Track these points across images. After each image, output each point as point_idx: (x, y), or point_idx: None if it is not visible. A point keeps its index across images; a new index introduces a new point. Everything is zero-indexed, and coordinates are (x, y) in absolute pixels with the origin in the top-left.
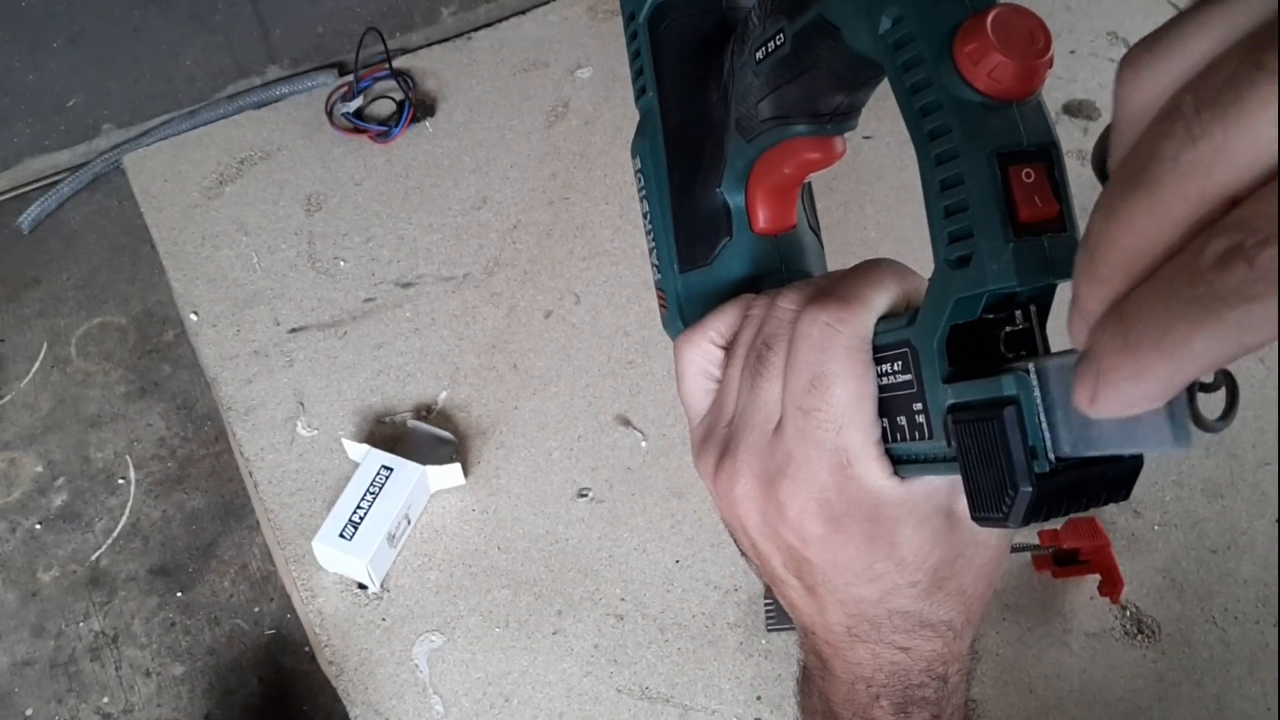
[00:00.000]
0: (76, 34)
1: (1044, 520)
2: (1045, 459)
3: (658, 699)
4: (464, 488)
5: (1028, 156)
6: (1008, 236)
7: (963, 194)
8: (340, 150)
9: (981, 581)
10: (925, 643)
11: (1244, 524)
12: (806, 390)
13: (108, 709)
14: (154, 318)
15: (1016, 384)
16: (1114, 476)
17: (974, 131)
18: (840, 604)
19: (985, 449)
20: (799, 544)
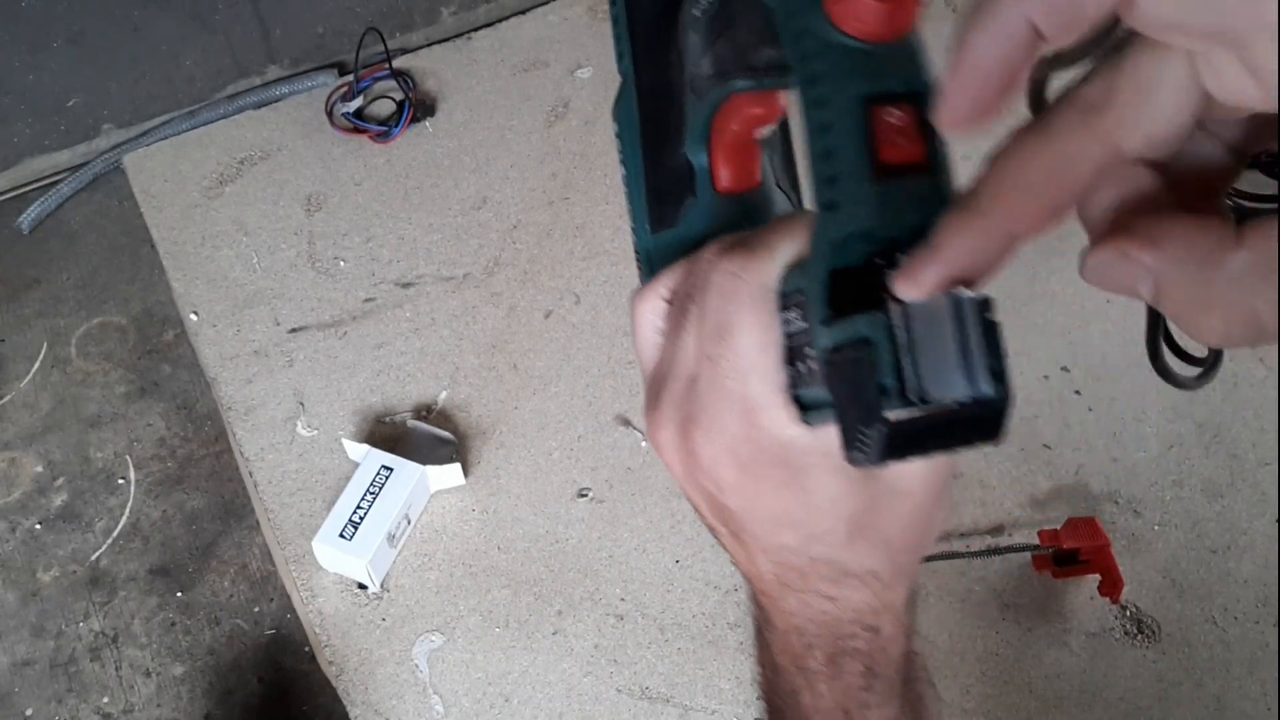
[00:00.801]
0: (76, 34)
1: (906, 458)
2: (898, 398)
3: (658, 699)
4: (464, 488)
5: (895, 98)
6: (870, 179)
7: (831, 138)
8: (340, 150)
9: (909, 532)
10: (852, 592)
11: (1244, 524)
12: (712, 338)
13: (108, 709)
14: (154, 318)
15: (870, 325)
16: (974, 417)
17: (841, 75)
18: (764, 552)
19: (846, 389)
20: (716, 491)
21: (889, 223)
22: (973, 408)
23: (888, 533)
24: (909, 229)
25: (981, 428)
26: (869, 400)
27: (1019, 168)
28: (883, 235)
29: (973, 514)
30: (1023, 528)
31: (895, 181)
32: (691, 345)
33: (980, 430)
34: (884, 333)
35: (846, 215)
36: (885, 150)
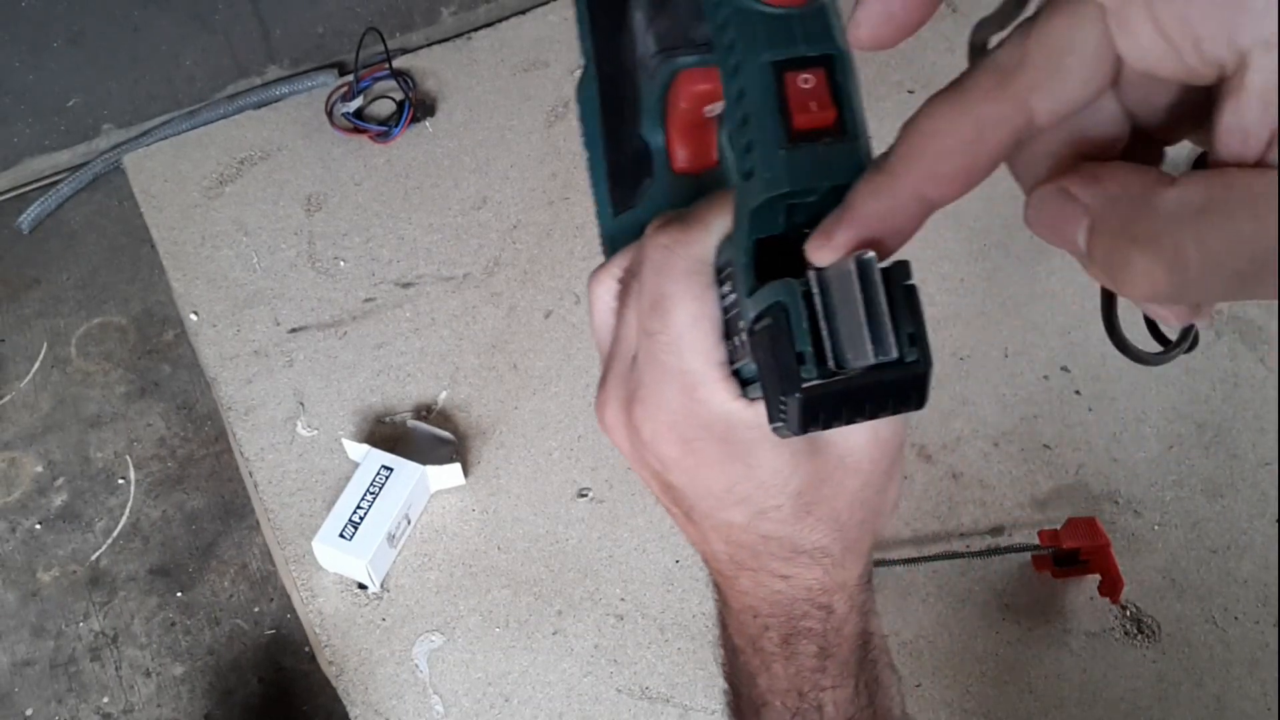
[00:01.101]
0: (76, 34)
1: (828, 426)
2: (814, 365)
3: (658, 699)
4: (464, 488)
5: (807, 63)
6: (781, 143)
7: (746, 106)
8: (340, 150)
9: (858, 508)
10: (804, 570)
11: (1244, 524)
12: (649, 314)
13: (108, 709)
14: (154, 318)
15: (785, 291)
16: (895, 383)
17: (753, 41)
18: (715, 530)
19: (767, 358)
20: (661, 468)
21: (803, 187)
22: (891, 373)
23: (836, 508)
24: (824, 192)
25: (903, 394)
26: (787, 368)
27: (933, 132)
28: (799, 200)
29: (973, 514)
30: (1023, 528)
31: (808, 146)
32: (633, 321)
33: (902, 397)
34: (799, 299)
35: (762, 182)
36: (797, 115)
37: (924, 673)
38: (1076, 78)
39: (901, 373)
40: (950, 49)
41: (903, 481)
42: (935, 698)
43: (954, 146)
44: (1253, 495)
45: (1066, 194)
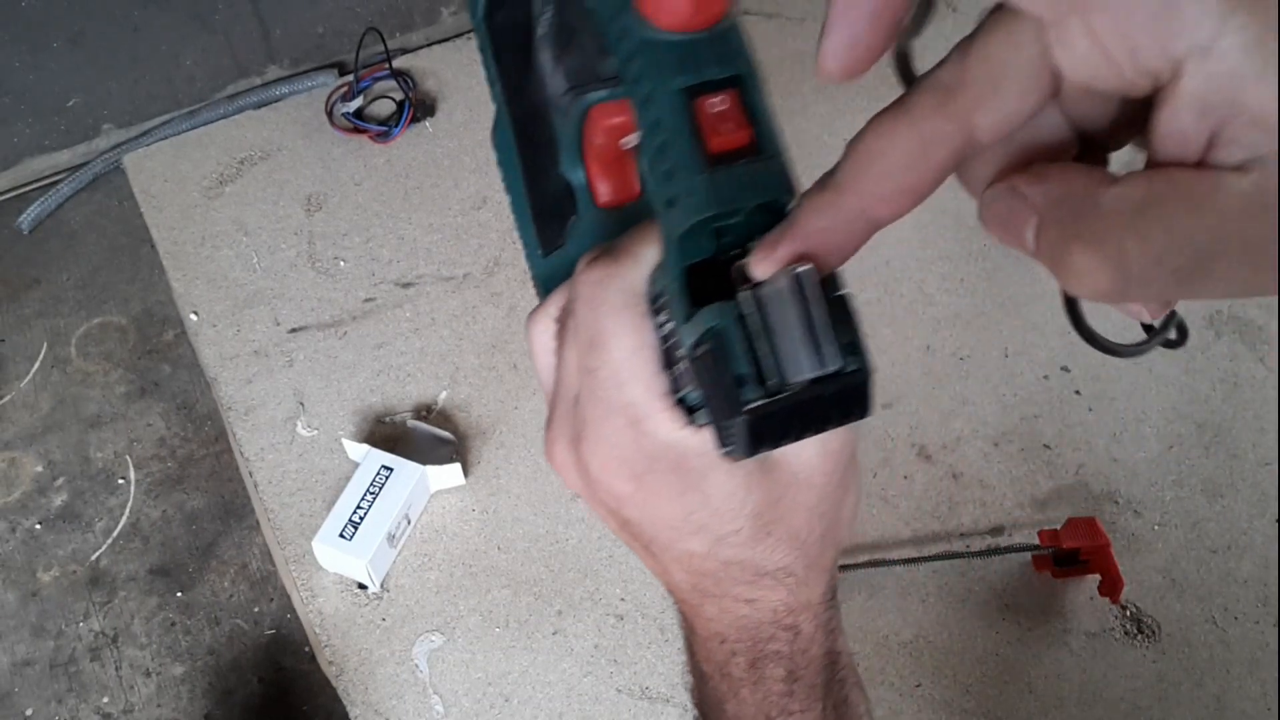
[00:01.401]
0: (76, 34)
1: (776, 444)
2: (756, 385)
3: (658, 699)
4: (464, 488)
5: (717, 86)
6: (700, 167)
7: (661, 134)
8: (340, 150)
9: (816, 523)
10: (769, 592)
11: (1244, 524)
12: (587, 350)
13: (108, 709)
14: (154, 318)
15: (719, 314)
16: (838, 393)
17: (660, 69)
18: (676, 561)
19: (710, 384)
20: (615, 504)
21: (727, 208)
22: (833, 385)
23: (794, 525)
24: (748, 212)
25: (847, 404)
26: (728, 392)
27: (877, 150)
28: (724, 222)
29: (973, 514)
30: (1023, 528)
31: (726, 168)
32: (572, 360)
33: (847, 406)
34: (734, 321)
35: (685, 207)
36: (713, 139)
37: (924, 673)
38: (1016, 94)
39: (843, 383)
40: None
41: (903, 481)
42: (935, 698)
43: (898, 164)
44: (1253, 495)
45: (1015, 192)
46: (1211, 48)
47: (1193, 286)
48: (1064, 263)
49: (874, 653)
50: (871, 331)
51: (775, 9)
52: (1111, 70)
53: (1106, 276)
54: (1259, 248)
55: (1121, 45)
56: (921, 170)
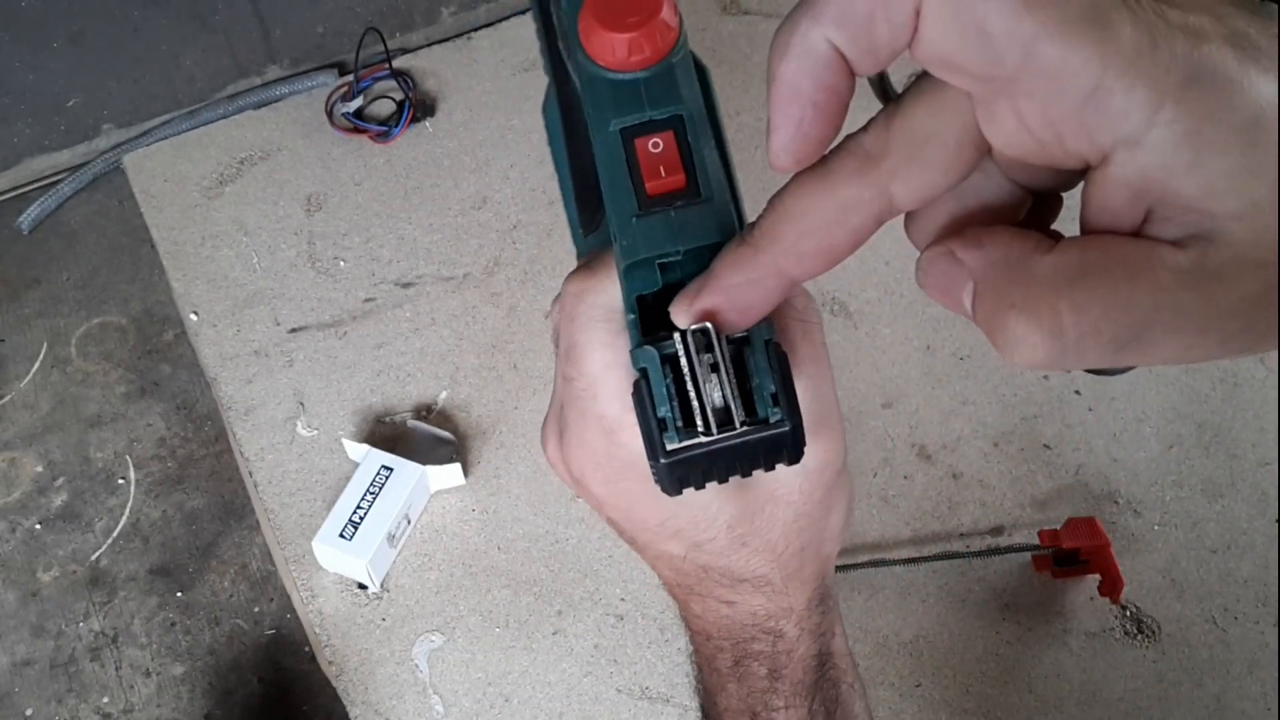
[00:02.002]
0: (76, 34)
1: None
2: (677, 431)
3: (658, 699)
4: (464, 488)
5: (655, 127)
6: (634, 211)
7: (605, 172)
8: (340, 150)
9: (794, 538)
10: (748, 597)
11: (1244, 524)
12: (565, 360)
13: (108, 709)
14: (154, 318)
15: (644, 358)
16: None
17: (601, 107)
18: (658, 559)
19: (641, 420)
20: (596, 504)
21: (657, 253)
22: (759, 432)
23: (771, 539)
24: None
25: (773, 451)
26: (650, 434)
27: (797, 210)
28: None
29: (973, 514)
30: (1023, 528)
31: (660, 212)
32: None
33: (773, 454)
34: (659, 364)
35: (623, 247)
36: (649, 181)
37: (924, 673)
38: (937, 166)
39: (769, 432)
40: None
41: (903, 481)
42: (935, 698)
43: (816, 226)
44: (1253, 495)
45: (952, 257)
46: (1140, 140)
47: (1129, 355)
48: (999, 331)
49: (874, 653)
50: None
51: (775, 9)
52: (1041, 150)
53: (1043, 346)
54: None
55: (1048, 130)
56: (838, 234)
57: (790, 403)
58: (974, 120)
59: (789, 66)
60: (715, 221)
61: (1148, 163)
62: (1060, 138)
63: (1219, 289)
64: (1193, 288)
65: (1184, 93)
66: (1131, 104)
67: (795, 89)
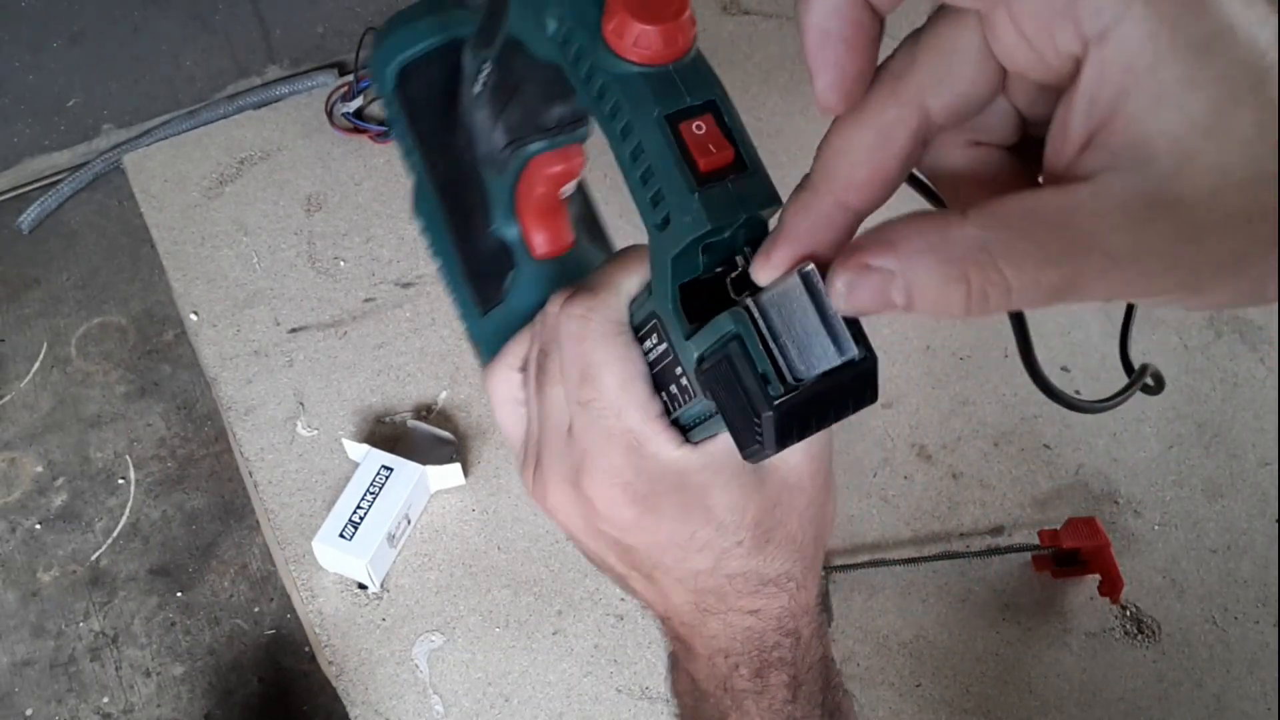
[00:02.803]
0: (76, 34)
1: (801, 436)
2: (778, 382)
3: (658, 699)
4: (464, 488)
5: (694, 111)
6: (692, 187)
7: (648, 160)
8: (340, 150)
9: (809, 525)
10: (772, 600)
11: (1244, 524)
12: (579, 384)
13: (108, 709)
14: (154, 318)
15: (734, 320)
16: (850, 382)
17: (639, 100)
18: (679, 582)
19: (727, 388)
20: (619, 533)
21: (723, 223)
22: (847, 373)
23: (791, 530)
24: (735, 227)
25: (859, 392)
26: (753, 391)
27: (842, 144)
28: (714, 239)
29: (973, 514)
30: (1023, 528)
31: (717, 185)
32: (560, 397)
33: (859, 394)
34: (748, 324)
35: (682, 226)
36: (701, 159)
37: (924, 673)
38: (964, 76)
39: (853, 371)
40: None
41: (903, 481)
42: (935, 698)
43: (864, 154)
44: (1253, 495)
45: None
46: (1109, 35)
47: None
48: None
49: (874, 653)
50: (872, 331)
51: (775, 9)
52: (1037, 58)
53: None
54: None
55: (1040, 30)
56: (885, 155)
57: (864, 339)
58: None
59: (815, 12)
60: (767, 190)
61: (1112, 60)
62: (1051, 37)
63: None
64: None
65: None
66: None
67: (825, 31)
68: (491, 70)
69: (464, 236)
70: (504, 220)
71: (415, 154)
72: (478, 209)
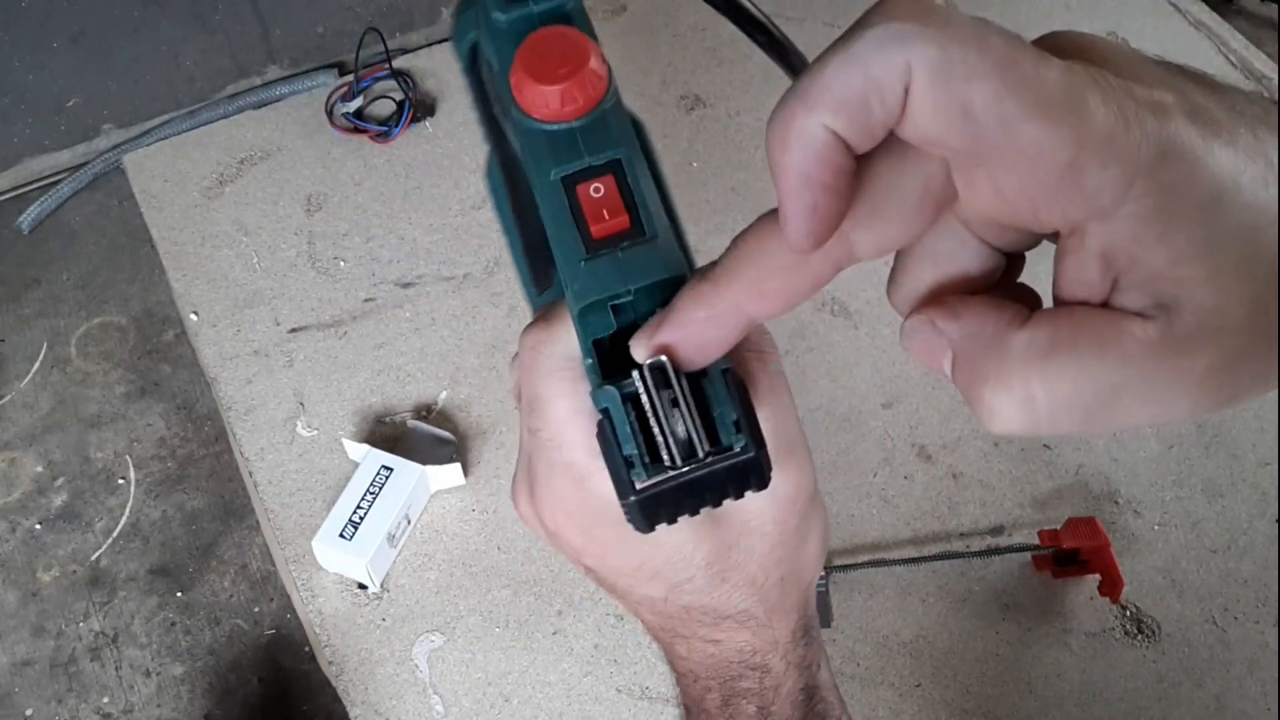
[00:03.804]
0: (76, 34)
1: (672, 520)
2: (643, 469)
3: (658, 699)
4: (464, 488)
5: (595, 172)
6: (581, 256)
7: (549, 221)
8: (340, 150)
9: (773, 569)
10: (733, 634)
11: (1244, 524)
12: (528, 412)
13: (108, 709)
14: (154, 318)
15: (604, 397)
16: (731, 469)
17: (539, 158)
18: (639, 603)
19: (608, 461)
20: (572, 554)
21: (609, 294)
22: (725, 460)
23: (750, 572)
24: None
25: (741, 478)
26: (618, 473)
27: (760, 251)
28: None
29: (973, 514)
30: (1023, 528)
31: (607, 254)
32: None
33: (741, 481)
34: (620, 402)
35: (574, 292)
36: (593, 225)
37: (924, 673)
38: (896, 221)
39: (734, 460)
40: None
41: (903, 481)
42: (935, 698)
43: (776, 268)
44: (1253, 495)
45: (932, 326)
46: (1112, 214)
47: (1101, 423)
48: (977, 401)
49: (874, 653)
50: (872, 331)
51: (775, 9)
52: (1015, 216)
53: (1018, 418)
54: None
55: (1025, 202)
56: (797, 277)
57: (752, 428)
58: (937, 180)
59: (794, 158)
60: (662, 259)
61: (1119, 234)
62: (1035, 209)
63: (1184, 359)
64: (1159, 359)
65: (1154, 169)
66: (1105, 181)
67: (804, 176)
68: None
69: (520, 216)
70: None
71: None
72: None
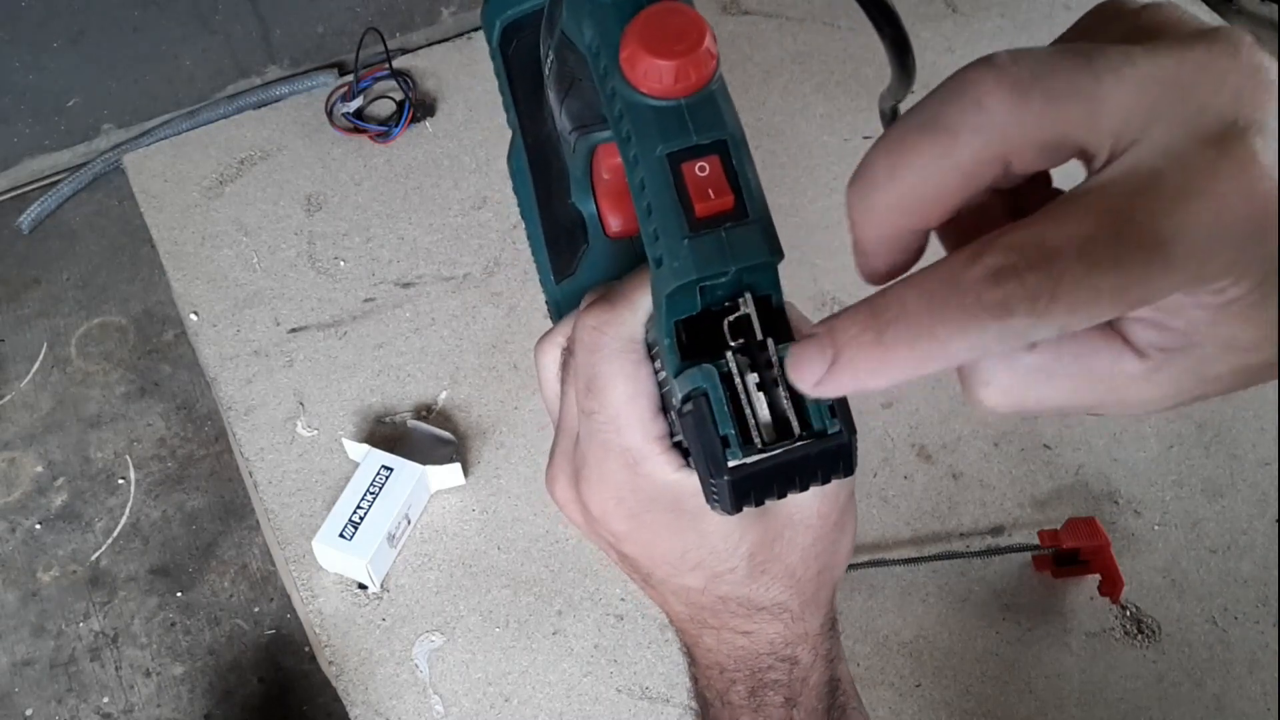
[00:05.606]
0: (76, 34)
1: (760, 502)
2: (740, 446)
3: (658, 699)
4: (464, 488)
5: (701, 151)
6: (684, 233)
7: (648, 196)
8: (340, 150)
9: (812, 562)
10: (765, 625)
11: (1244, 524)
12: (585, 393)
13: (108, 709)
14: (154, 318)
15: (704, 376)
16: (822, 454)
17: (646, 134)
18: (674, 594)
19: (695, 440)
20: (614, 540)
21: (710, 273)
22: (817, 445)
23: (790, 564)
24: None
25: (830, 464)
26: (712, 453)
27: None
28: (715, 281)
29: (973, 514)
30: (1023, 528)
31: (710, 232)
32: (573, 400)
33: (830, 466)
34: (718, 382)
35: (670, 270)
36: (698, 204)
37: (924, 673)
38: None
39: (826, 444)
40: (950, 49)
41: (903, 481)
42: (935, 698)
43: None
44: (1253, 495)
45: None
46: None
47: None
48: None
49: (874, 653)
50: None
51: (775, 9)
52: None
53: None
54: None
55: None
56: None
57: (845, 414)
58: None
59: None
60: (762, 242)
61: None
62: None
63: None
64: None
65: None
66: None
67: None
68: (552, 60)
69: (546, 203)
70: (580, 194)
71: (512, 111)
72: (560, 179)
